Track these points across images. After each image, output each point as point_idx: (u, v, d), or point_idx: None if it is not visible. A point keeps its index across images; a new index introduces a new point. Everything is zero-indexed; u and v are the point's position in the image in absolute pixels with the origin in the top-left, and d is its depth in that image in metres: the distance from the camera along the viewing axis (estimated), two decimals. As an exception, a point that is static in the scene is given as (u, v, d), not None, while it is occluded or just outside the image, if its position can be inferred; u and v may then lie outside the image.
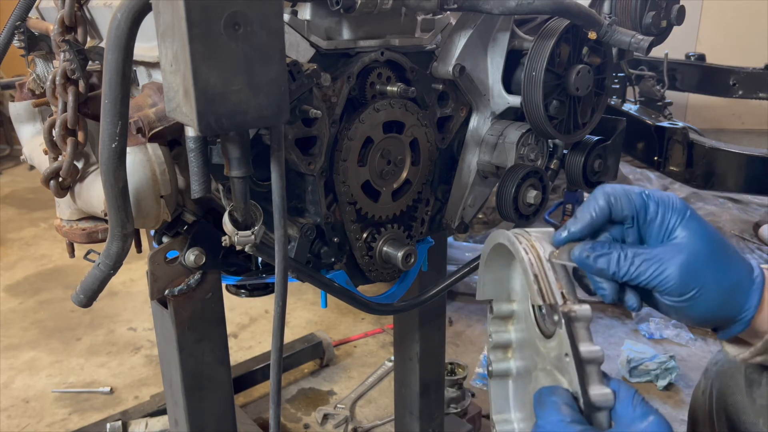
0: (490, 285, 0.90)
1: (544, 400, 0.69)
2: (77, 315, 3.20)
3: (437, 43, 1.22)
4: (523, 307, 0.89)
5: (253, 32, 0.75)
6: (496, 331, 0.91)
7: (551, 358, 0.78)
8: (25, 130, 1.38)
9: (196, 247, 1.11)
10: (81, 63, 1.03)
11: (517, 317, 0.91)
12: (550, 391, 0.70)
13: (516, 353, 0.92)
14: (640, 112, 2.81)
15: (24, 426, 2.43)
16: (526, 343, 0.88)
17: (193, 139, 0.84)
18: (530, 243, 0.79)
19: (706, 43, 5.32)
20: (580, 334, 0.71)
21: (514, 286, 0.90)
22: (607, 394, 0.68)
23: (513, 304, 0.91)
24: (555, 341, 0.77)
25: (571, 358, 0.69)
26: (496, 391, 0.93)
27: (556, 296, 0.73)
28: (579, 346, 0.69)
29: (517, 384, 0.92)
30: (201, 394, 1.24)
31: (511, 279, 0.90)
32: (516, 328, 0.91)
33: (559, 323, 0.71)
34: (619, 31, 1.17)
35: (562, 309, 0.72)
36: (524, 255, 0.77)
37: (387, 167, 1.20)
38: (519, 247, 0.78)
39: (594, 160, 1.38)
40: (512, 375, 0.92)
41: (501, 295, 0.91)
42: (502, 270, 0.90)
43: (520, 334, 0.91)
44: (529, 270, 0.76)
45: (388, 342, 2.93)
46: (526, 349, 0.88)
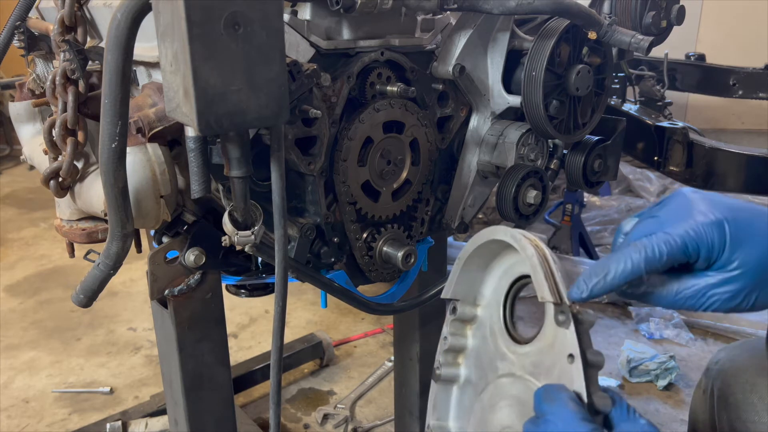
0: (462, 285, 0.88)
1: (554, 396, 0.68)
2: (77, 315, 3.20)
3: (437, 43, 1.22)
4: (489, 313, 0.87)
5: (253, 32, 0.75)
6: (453, 334, 0.89)
7: (524, 364, 0.77)
8: (25, 130, 1.38)
9: (196, 247, 1.11)
10: (81, 63, 1.03)
11: (478, 323, 0.89)
12: (557, 388, 0.69)
13: (468, 360, 0.90)
14: (640, 112, 2.81)
15: (24, 426, 2.43)
16: (484, 350, 0.87)
17: (193, 139, 0.84)
18: (534, 242, 0.77)
19: (706, 43, 5.32)
20: (586, 338, 0.70)
21: (484, 290, 0.88)
22: (607, 398, 0.68)
23: (478, 308, 0.89)
24: (535, 346, 0.76)
25: (578, 359, 0.68)
26: (440, 396, 0.92)
27: (564, 296, 0.72)
28: (585, 348, 0.69)
29: (463, 392, 0.90)
30: (201, 394, 1.24)
31: (484, 283, 0.88)
32: (474, 334, 0.89)
33: (565, 323, 0.70)
34: (619, 31, 1.16)
35: (572, 309, 0.70)
36: (533, 251, 0.75)
37: (387, 167, 1.20)
38: (526, 243, 0.76)
39: (594, 160, 1.38)
40: (459, 382, 0.91)
41: (468, 297, 0.89)
42: (478, 272, 0.88)
43: (477, 341, 0.89)
44: (539, 266, 0.73)
45: (388, 342, 2.93)
46: (483, 357, 0.87)
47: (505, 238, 0.80)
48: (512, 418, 0.79)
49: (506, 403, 0.80)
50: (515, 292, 0.85)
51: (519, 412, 0.78)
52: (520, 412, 0.78)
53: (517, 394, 0.78)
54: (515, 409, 0.79)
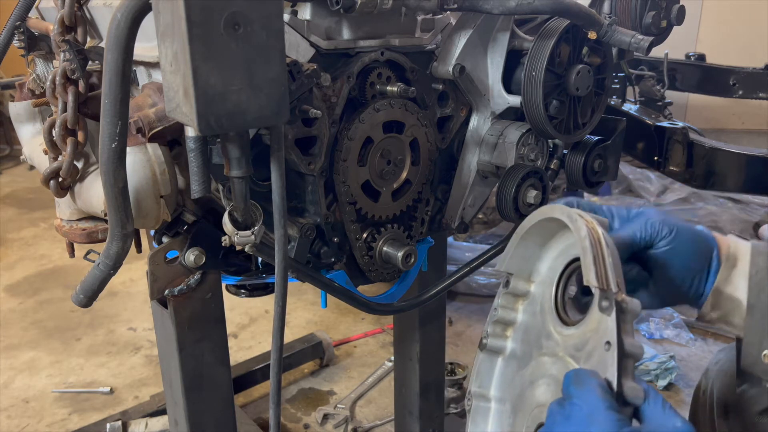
0: (517, 259, 0.88)
1: (584, 381, 0.67)
2: (77, 315, 3.20)
3: (437, 43, 1.22)
4: (541, 290, 0.87)
5: (253, 32, 0.75)
6: (504, 307, 0.90)
7: (567, 345, 0.77)
8: (25, 130, 1.38)
9: (196, 247, 1.11)
10: (81, 63, 1.03)
11: (531, 299, 0.90)
12: (589, 373, 0.68)
13: (516, 334, 0.91)
14: (640, 112, 2.81)
15: (24, 426, 2.43)
16: (533, 327, 0.87)
17: (193, 139, 0.84)
18: (591, 224, 0.75)
19: (706, 43, 5.32)
20: (627, 327, 0.69)
21: (540, 267, 0.89)
22: (639, 390, 0.67)
23: (531, 285, 0.90)
24: (579, 329, 0.76)
25: (614, 347, 0.67)
26: (484, 366, 0.92)
27: (611, 282, 0.71)
28: (624, 337, 0.68)
29: (508, 364, 0.91)
30: (201, 394, 1.24)
31: (540, 259, 0.89)
32: (525, 309, 0.90)
33: (608, 310, 0.69)
34: (619, 31, 1.16)
35: (617, 297, 0.69)
36: (586, 233, 0.74)
37: (387, 167, 1.20)
38: (581, 224, 0.75)
39: (594, 160, 1.37)
40: (504, 354, 0.91)
41: (523, 272, 0.89)
42: (535, 248, 0.88)
43: (527, 316, 0.89)
44: (589, 250, 0.72)
45: (388, 342, 2.93)
46: (531, 333, 0.87)
47: (561, 216, 0.79)
48: (548, 397, 0.78)
49: (545, 381, 0.80)
50: (570, 273, 0.85)
51: (554, 392, 0.77)
52: (555, 392, 0.77)
53: (555, 374, 0.78)
54: (551, 389, 0.78)
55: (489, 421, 0.92)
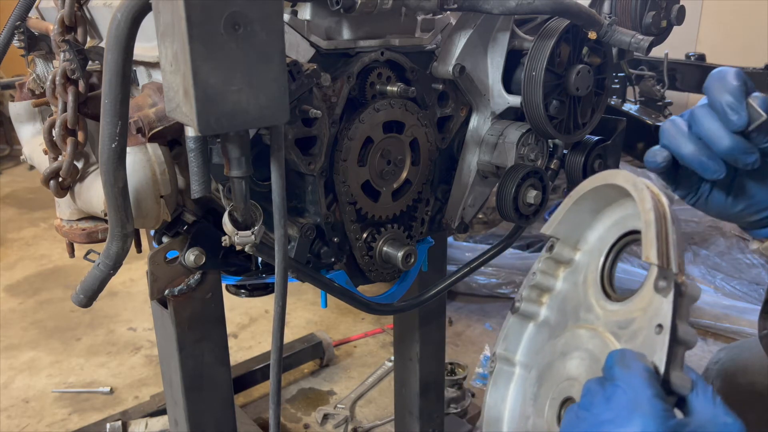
0: (566, 224, 0.84)
1: (630, 363, 0.63)
2: (77, 315, 3.20)
3: (437, 43, 1.22)
4: (587, 260, 0.83)
5: (253, 32, 0.75)
6: (544, 272, 0.87)
7: (609, 322, 0.73)
8: (25, 130, 1.38)
9: (196, 247, 1.11)
10: (81, 63, 1.03)
11: (573, 267, 0.85)
12: (636, 356, 0.64)
13: (552, 301, 0.87)
14: (640, 112, 2.81)
15: (24, 426, 2.43)
16: (572, 296, 0.83)
17: (193, 139, 0.84)
18: (658, 198, 0.70)
19: (706, 43, 5.32)
20: (683, 312, 0.65)
21: (590, 236, 0.84)
22: (687, 381, 0.63)
23: (577, 253, 0.85)
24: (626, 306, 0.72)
25: (666, 331, 0.63)
26: (513, 329, 0.89)
27: (673, 262, 0.66)
28: (679, 322, 0.64)
29: (539, 331, 0.88)
30: (201, 394, 1.24)
31: (591, 228, 0.84)
32: (566, 278, 0.86)
33: (664, 291, 0.65)
34: (619, 31, 1.16)
35: (677, 278, 0.65)
36: (651, 206, 0.68)
37: (387, 167, 1.20)
38: (647, 194, 0.70)
39: (594, 160, 1.37)
40: (536, 320, 0.88)
41: (570, 238, 0.85)
42: (588, 214, 0.83)
43: (567, 285, 0.85)
44: (653, 223, 0.67)
45: (388, 342, 2.93)
46: (568, 303, 0.83)
47: (624, 184, 0.74)
48: (580, 371, 0.75)
49: (579, 355, 0.76)
50: (622, 246, 0.80)
51: (589, 367, 0.74)
52: (589, 368, 0.74)
53: (592, 349, 0.74)
54: (586, 363, 0.75)
55: (511, 386, 0.89)
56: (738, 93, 0.80)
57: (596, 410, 0.64)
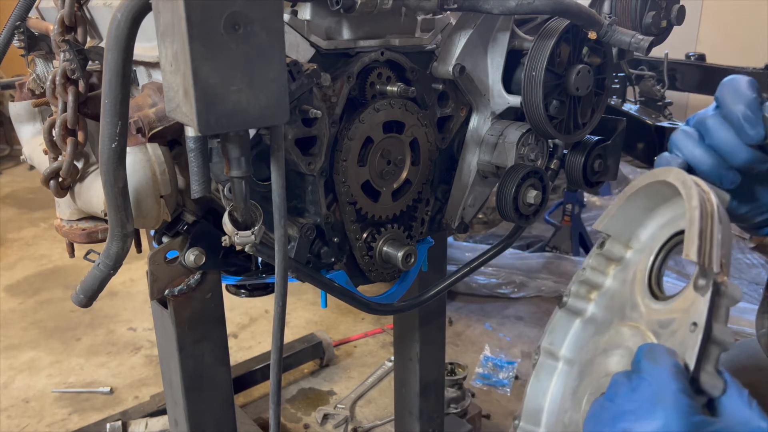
0: (618, 221, 0.83)
1: (658, 356, 0.62)
2: (77, 315, 3.20)
3: (437, 43, 1.22)
4: (637, 258, 0.83)
5: (253, 32, 0.75)
6: (594, 269, 0.86)
7: (650, 320, 0.73)
8: (25, 130, 1.38)
9: (196, 247, 1.11)
10: (81, 63, 1.03)
11: (624, 265, 0.85)
12: (665, 350, 0.63)
13: (601, 299, 0.86)
14: (640, 112, 2.81)
15: (24, 426, 2.43)
16: (621, 295, 0.83)
17: (193, 139, 0.84)
18: (708, 195, 0.69)
19: (706, 43, 5.32)
20: (721, 312, 0.63)
21: (641, 234, 0.84)
22: (718, 381, 0.62)
23: (629, 251, 0.85)
24: (669, 305, 0.71)
25: (700, 329, 0.62)
26: (560, 324, 0.88)
27: (714, 261, 0.65)
28: (714, 321, 0.62)
29: (585, 327, 0.87)
30: (201, 394, 1.24)
31: (644, 226, 0.83)
32: (616, 276, 0.86)
33: (703, 290, 0.64)
34: (619, 31, 1.16)
35: (716, 277, 0.64)
36: (698, 203, 0.67)
37: (387, 167, 1.20)
38: (694, 192, 0.69)
39: (594, 160, 1.37)
40: (583, 317, 0.88)
41: (622, 236, 0.85)
42: (641, 212, 0.83)
43: (616, 283, 0.85)
44: (697, 221, 0.66)
45: (388, 342, 2.93)
46: (616, 300, 0.83)
47: (674, 181, 0.73)
48: (619, 368, 0.74)
49: (620, 352, 0.76)
50: (673, 245, 0.79)
51: (627, 364, 0.73)
52: (628, 365, 0.72)
53: (631, 346, 0.73)
54: (625, 360, 0.74)
55: (553, 379, 0.88)
56: (755, 106, 0.79)
57: (619, 400, 0.63)
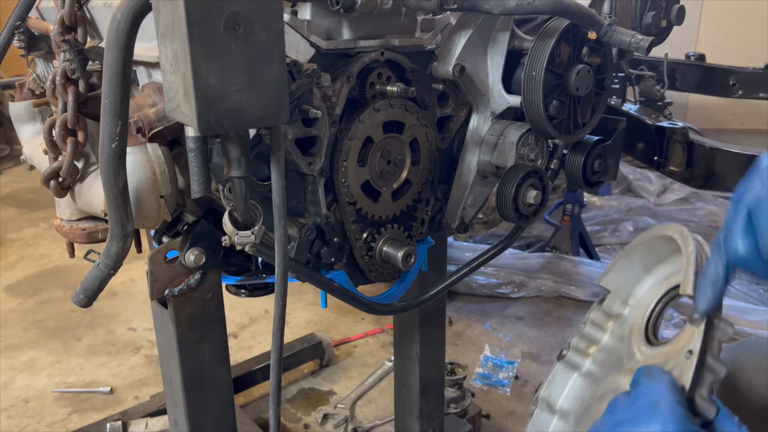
0: (618, 275, 0.87)
1: (655, 374, 0.66)
2: (77, 315, 3.20)
3: (437, 43, 1.22)
4: (634, 314, 0.86)
5: (253, 32, 0.75)
6: (593, 324, 0.89)
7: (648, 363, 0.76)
8: (25, 130, 1.38)
9: (196, 247, 1.11)
10: (81, 63, 1.03)
11: (621, 321, 0.88)
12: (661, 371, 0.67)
13: (598, 354, 0.90)
14: (640, 112, 2.81)
15: (24, 426, 2.43)
16: (616, 350, 0.86)
17: (193, 139, 0.84)
18: (703, 246, 0.75)
19: (706, 43, 5.32)
20: (714, 345, 0.68)
21: (638, 291, 0.88)
22: (711, 405, 0.66)
23: (626, 308, 0.89)
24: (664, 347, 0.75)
25: (695, 355, 0.66)
26: (560, 377, 0.91)
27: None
28: (708, 350, 0.67)
29: (583, 382, 0.90)
30: (201, 394, 1.24)
31: (641, 283, 0.88)
32: (613, 332, 0.89)
33: (698, 321, 0.69)
34: (619, 31, 1.17)
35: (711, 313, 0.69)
36: (693, 247, 0.74)
37: (387, 167, 1.20)
38: (691, 240, 0.75)
39: (594, 160, 1.37)
40: (581, 371, 0.90)
41: (621, 292, 0.88)
42: (639, 270, 0.87)
43: (614, 340, 0.88)
44: (693, 261, 0.72)
45: (388, 342, 2.93)
46: (612, 356, 0.86)
47: (673, 234, 0.78)
48: None
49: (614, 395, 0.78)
50: (670, 299, 0.84)
51: None
52: None
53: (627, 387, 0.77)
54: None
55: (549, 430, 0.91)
56: None
57: (619, 411, 0.66)
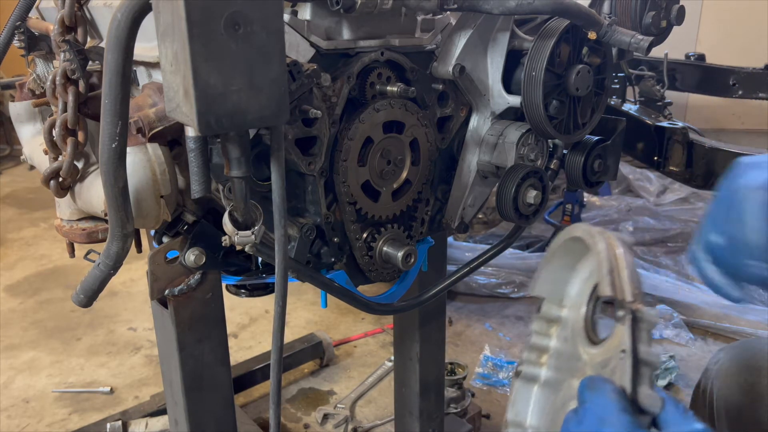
0: (548, 283, 0.89)
1: (597, 386, 0.67)
2: (77, 315, 3.20)
3: (437, 43, 1.22)
4: (573, 315, 0.87)
5: (253, 32, 0.75)
6: (538, 333, 0.90)
7: (594, 364, 0.77)
8: (25, 130, 1.38)
9: (196, 247, 1.11)
10: (81, 63, 1.03)
11: (563, 324, 0.89)
12: (602, 379, 0.68)
13: (551, 360, 0.90)
14: (640, 112, 2.81)
15: (24, 426, 2.43)
16: (565, 353, 0.87)
17: (193, 139, 0.84)
18: (609, 240, 0.77)
19: (706, 43, 5.32)
20: (643, 335, 0.69)
21: (570, 290, 0.89)
22: (656, 399, 0.66)
23: (563, 310, 0.89)
24: (604, 346, 0.76)
25: (628, 354, 0.67)
26: (520, 394, 0.91)
27: (626, 292, 0.71)
28: (639, 345, 0.68)
29: (543, 392, 0.90)
30: (201, 394, 1.24)
31: (570, 282, 0.89)
32: (558, 335, 0.90)
33: (623, 319, 0.69)
34: (619, 31, 1.17)
35: (631, 305, 0.70)
36: (602, 246, 0.75)
37: (387, 167, 1.20)
38: (599, 238, 0.77)
39: (594, 160, 1.38)
40: (539, 382, 0.91)
41: (554, 296, 0.89)
42: (564, 271, 0.88)
43: (560, 343, 0.89)
44: (605, 261, 0.74)
45: (388, 342, 2.93)
46: (563, 359, 0.87)
47: (581, 234, 0.80)
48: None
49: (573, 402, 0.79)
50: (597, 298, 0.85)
51: None
52: None
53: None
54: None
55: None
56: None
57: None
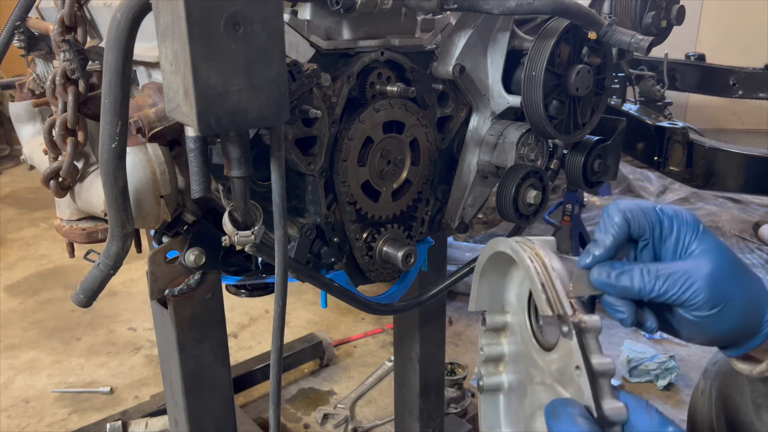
0: (485, 296, 0.87)
1: (559, 412, 0.66)
2: (77, 315, 3.20)
3: (437, 43, 1.22)
4: (518, 319, 0.86)
5: (253, 32, 0.75)
6: (489, 344, 0.88)
7: (551, 371, 0.75)
8: (25, 130, 1.38)
9: (196, 247, 1.11)
10: (81, 63, 1.03)
11: (510, 329, 0.88)
12: (564, 403, 0.67)
13: (508, 366, 0.89)
14: (640, 112, 2.81)
15: (24, 426, 2.43)
16: (521, 356, 0.85)
17: (193, 139, 0.84)
18: (534, 251, 0.74)
19: (706, 43, 5.33)
20: (592, 346, 0.68)
21: (509, 297, 0.87)
22: (621, 408, 0.66)
23: (507, 315, 0.88)
24: (557, 353, 0.74)
25: (583, 370, 0.66)
26: (487, 407, 0.90)
27: (565, 306, 0.69)
28: (591, 358, 0.67)
29: (510, 399, 0.89)
30: (201, 394, 1.24)
31: (506, 290, 0.87)
32: (509, 341, 0.88)
33: (569, 335, 0.68)
34: (619, 31, 1.16)
35: (573, 319, 0.68)
36: (530, 263, 0.73)
37: (387, 167, 1.20)
38: (524, 255, 0.74)
39: (594, 160, 1.37)
40: (504, 389, 0.90)
41: (495, 306, 0.88)
42: (498, 280, 0.87)
43: (513, 347, 0.88)
44: (536, 279, 0.72)
45: (388, 342, 2.93)
46: (520, 363, 0.85)
47: (505, 249, 0.78)
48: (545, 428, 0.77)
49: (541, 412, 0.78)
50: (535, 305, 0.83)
51: None
52: None
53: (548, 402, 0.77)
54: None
55: None
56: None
57: None
